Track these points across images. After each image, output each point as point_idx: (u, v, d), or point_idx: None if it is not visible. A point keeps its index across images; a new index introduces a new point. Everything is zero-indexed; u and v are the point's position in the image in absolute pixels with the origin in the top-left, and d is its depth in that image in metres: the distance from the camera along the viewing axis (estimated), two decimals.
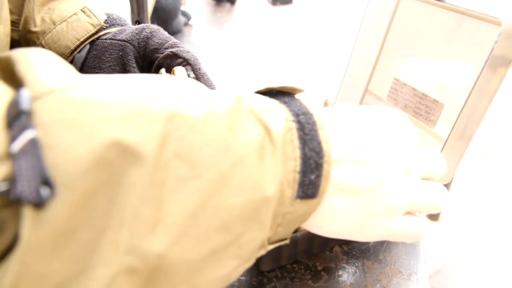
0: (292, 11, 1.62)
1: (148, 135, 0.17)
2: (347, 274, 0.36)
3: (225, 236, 0.19)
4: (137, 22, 0.92)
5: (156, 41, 0.41)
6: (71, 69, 0.18)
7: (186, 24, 1.32)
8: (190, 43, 1.17)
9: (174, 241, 0.17)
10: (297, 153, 0.21)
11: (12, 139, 0.14)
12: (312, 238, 0.36)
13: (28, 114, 0.15)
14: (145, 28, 0.42)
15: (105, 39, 0.42)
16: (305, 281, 0.35)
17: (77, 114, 0.16)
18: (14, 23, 0.43)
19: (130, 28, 0.43)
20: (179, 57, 0.40)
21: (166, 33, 0.43)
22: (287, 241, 0.24)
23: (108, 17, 0.43)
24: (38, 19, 0.42)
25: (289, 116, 0.21)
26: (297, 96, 0.24)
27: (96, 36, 0.42)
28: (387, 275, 0.36)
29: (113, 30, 0.43)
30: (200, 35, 1.25)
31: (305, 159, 0.21)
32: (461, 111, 0.38)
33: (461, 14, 0.41)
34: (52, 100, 0.15)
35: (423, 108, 0.46)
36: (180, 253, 0.18)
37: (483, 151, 1.68)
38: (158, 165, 0.17)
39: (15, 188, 0.14)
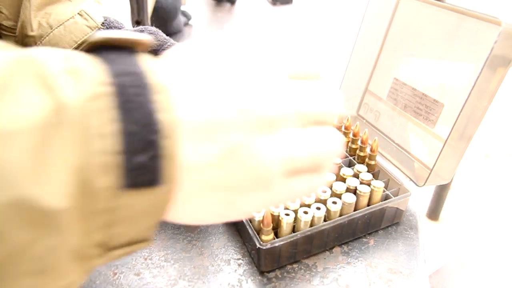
0: (292, 11, 1.62)
1: None
2: (347, 274, 0.36)
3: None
4: (137, 22, 0.92)
5: (155, 42, 0.41)
6: None
7: (186, 24, 1.31)
8: None
9: None
10: (113, 128, 0.15)
11: None
12: (312, 238, 0.36)
13: None
14: (143, 30, 0.42)
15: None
16: (305, 281, 0.35)
17: None
18: (10, 29, 0.44)
19: (128, 30, 0.43)
20: None
21: (164, 35, 0.43)
22: (148, 244, 0.19)
23: (106, 19, 0.44)
24: (35, 24, 0.42)
25: (103, 78, 0.16)
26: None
27: None
28: (387, 275, 0.36)
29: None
30: (200, 35, 1.25)
31: (126, 135, 0.16)
32: (461, 111, 0.38)
33: (461, 14, 0.41)
34: None
35: (423, 108, 0.46)
36: None
37: (483, 151, 1.68)
38: None
39: None
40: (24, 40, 0.42)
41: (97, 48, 0.18)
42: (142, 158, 0.16)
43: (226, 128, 0.18)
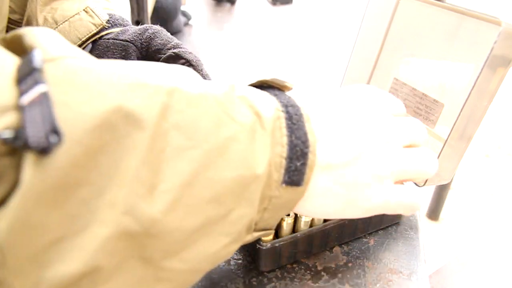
0: (292, 11, 1.62)
1: (150, 104, 0.18)
2: (347, 274, 0.36)
3: (217, 209, 0.20)
4: (137, 22, 0.92)
5: (159, 41, 0.41)
6: (73, 46, 0.19)
7: (186, 24, 1.31)
8: (190, 43, 1.18)
9: (169, 207, 0.18)
10: (285, 140, 0.22)
11: (22, 92, 0.15)
12: (312, 238, 0.36)
13: (40, 71, 0.16)
14: (148, 29, 0.42)
15: (108, 39, 0.42)
16: (305, 281, 0.35)
17: (85, 78, 0.17)
18: (16, 23, 0.44)
19: (132, 28, 0.43)
20: (182, 58, 0.40)
21: (168, 34, 0.43)
22: (271, 232, 0.25)
23: (111, 17, 0.43)
24: (41, 19, 0.42)
25: (279, 106, 0.23)
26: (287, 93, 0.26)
27: (98, 36, 0.42)
28: (387, 275, 0.36)
29: (115, 30, 0.43)
30: (200, 35, 1.25)
31: (291, 146, 0.22)
32: (461, 111, 0.38)
33: (461, 14, 0.41)
34: (61, 63, 0.17)
35: (423, 108, 0.46)
36: (173, 220, 0.18)
37: (483, 151, 1.68)
38: (158, 132, 0.18)
39: (23, 133, 0.14)
40: None
41: (259, 85, 0.25)
42: (298, 163, 0.22)
43: (356, 139, 0.25)
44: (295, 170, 0.22)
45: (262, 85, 0.25)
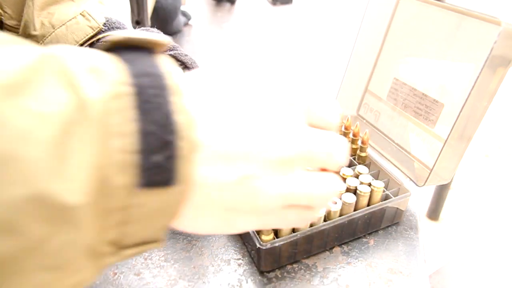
0: (292, 11, 1.62)
1: None
2: (347, 274, 0.36)
3: (13, 241, 0.14)
4: (137, 22, 0.92)
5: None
6: None
7: (186, 24, 1.32)
8: (190, 43, 1.18)
9: None
10: (132, 127, 0.16)
11: None
12: (312, 238, 0.36)
13: None
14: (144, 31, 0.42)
15: (105, 42, 0.42)
16: (305, 281, 0.35)
17: None
18: (13, 28, 0.44)
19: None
20: (178, 60, 0.40)
21: (165, 36, 0.43)
22: (160, 244, 0.19)
23: (107, 20, 0.44)
24: (38, 23, 0.42)
25: (124, 78, 0.16)
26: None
27: (95, 39, 0.42)
28: (387, 275, 0.36)
29: (112, 33, 0.43)
30: (200, 35, 1.25)
31: (145, 135, 0.16)
32: (461, 111, 0.38)
33: (461, 14, 0.41)
34: None
35: (423, 108, 0.46)
36: None
37: (483, 151, 1.68)
38: None
39: None
40: (26, 39, 0.43)
41: (115, 47, 0.18)
42: (158, 157, 0.16)
43: (245, 158, 0.19)
44: (156, 168, 0.16)
45: (132, 46, 0.19)
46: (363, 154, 0.46)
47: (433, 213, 1.37)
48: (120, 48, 0.18)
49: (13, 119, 0.13)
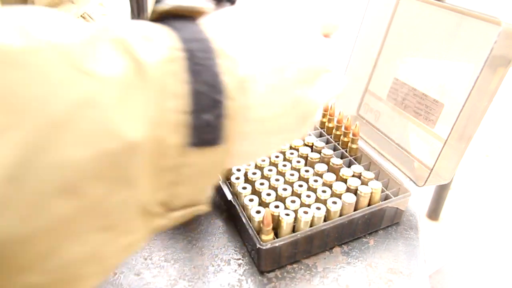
0: None
1: None
2: (347, 274, 0.36)
3: (74, 201, 0.15)
4: None
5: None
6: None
7: None
8: None
9: None
10: (185, 88, 0.16)
11: None
12: (312, 238, 0.36)
13: None
14: None
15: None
16: (305, 281, 0.35)
17: None
18: None
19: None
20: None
21: None
22: (204, 208, 0.20)
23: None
24: None
25: (176, 44, 0.17)
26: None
27: None
28: (387, 275, 0.36)
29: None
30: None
31: (197, 96, 0.17)
32: (461, 111, 0.38)
33: (461, 14, 0.41)
34: None
35: (423, 108, 0.46)
36: (6, 230, 0.14)
37: (483, 151, 1.68)
38: None
39: None
40: None
41: (162, 17, 0.19)
42: (209, 116, 0.17)
43: (291, 85, 0.21)
44: (207, 126, 0.17)
45: (174, 16, 0.20)
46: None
47: (433, 213, 1.37)
48: (165, 17, 0.19)
49: (78, 83, 0.15)
